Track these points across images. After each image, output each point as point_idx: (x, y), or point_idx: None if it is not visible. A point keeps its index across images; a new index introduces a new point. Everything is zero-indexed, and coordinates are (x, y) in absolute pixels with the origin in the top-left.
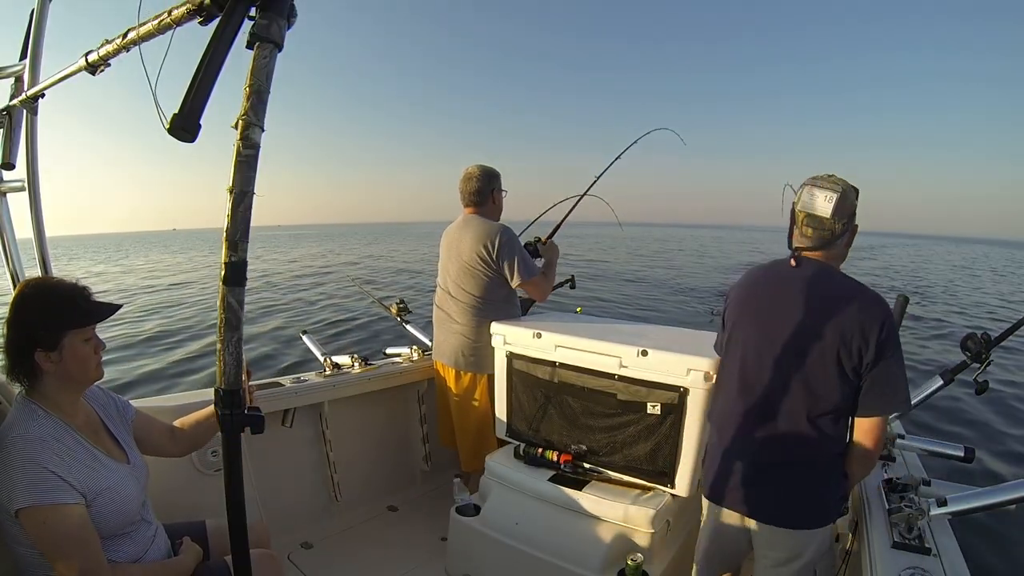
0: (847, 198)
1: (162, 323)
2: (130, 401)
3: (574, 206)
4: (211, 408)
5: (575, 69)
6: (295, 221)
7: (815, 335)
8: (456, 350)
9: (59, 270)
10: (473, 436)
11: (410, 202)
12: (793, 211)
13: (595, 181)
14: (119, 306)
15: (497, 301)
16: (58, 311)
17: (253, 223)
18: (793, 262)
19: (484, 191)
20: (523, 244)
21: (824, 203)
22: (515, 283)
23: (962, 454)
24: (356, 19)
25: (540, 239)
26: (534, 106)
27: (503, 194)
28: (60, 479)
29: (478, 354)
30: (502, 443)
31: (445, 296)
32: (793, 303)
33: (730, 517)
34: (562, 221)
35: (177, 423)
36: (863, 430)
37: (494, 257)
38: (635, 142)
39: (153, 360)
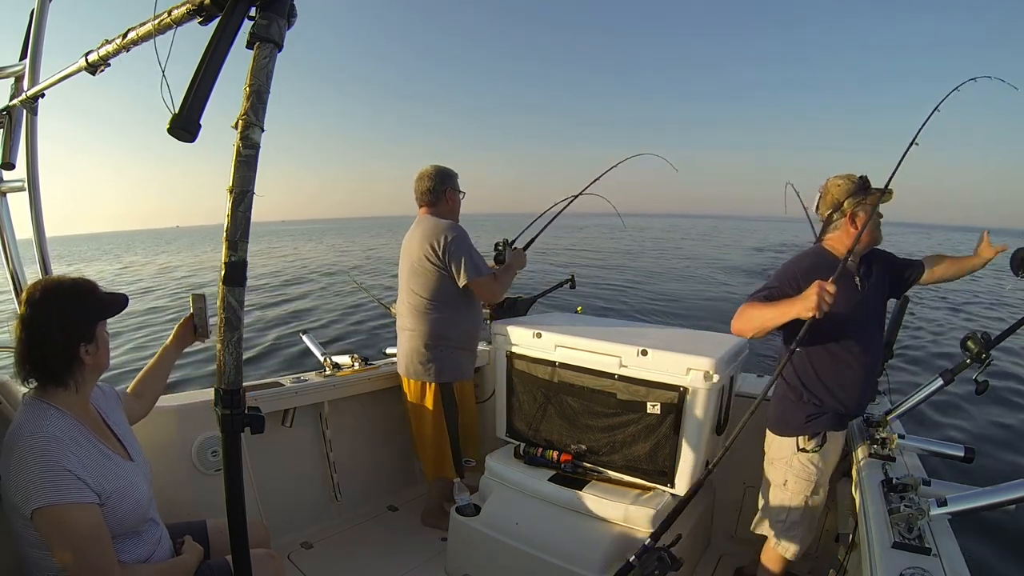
0: (828, 193)
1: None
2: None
3: (558, 213)
4: (157, 357)
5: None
6: (297, 216)
7: None
8: (407, 356)
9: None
10: (430, 447)
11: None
12: None
13: (571, 200)
14: (127, 297)
15: (448, 304)
16: (89, 303)
17: (258, 219)
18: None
19: (436, 190)
20: (495, 246)
21: (815, 202)
22: (461, 282)
23: (962, 454)
24: (355, 20)
25: (507, 240)
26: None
27: (460, 195)
28: (76, 478)
29: (427, 362)
30: (456, 456)
31: (400, 300)
32: None
33: None
34: (541, 230)
35: (130, 388)
36: None
37: (440, 255)
38: (614, 166)
39: None
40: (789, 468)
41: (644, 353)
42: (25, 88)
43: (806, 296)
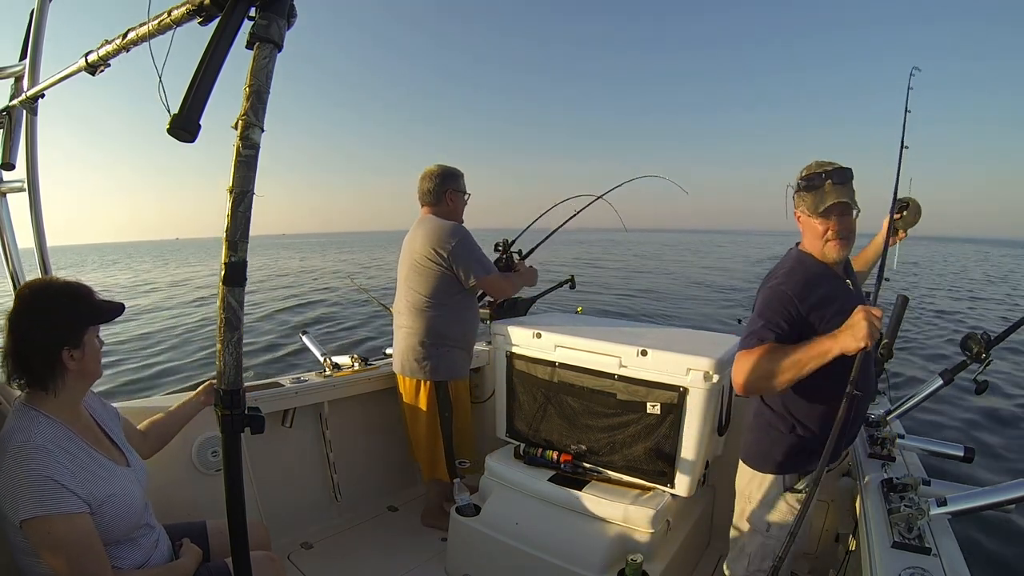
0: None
1: None
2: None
3: (559, 227)
4: (176, 407)
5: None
6: (296, 230)
7: None
8: (402, 353)
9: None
10: (425, 448)
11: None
12: None
13: (572, 217)
14: (123, 306)
15: (447, 303)
16: (80, 308)
17: (260, 231)
18: None
19: (437, 191)
20: (496, 247)
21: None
22: (469, 283)
23: (962, 454)
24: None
25: (507, 241)
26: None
27: (465, 197)
28: (65, 488)
29: (423, 359)
30: (450, 458)
31: (398, 298)
32: None
33: None
34: (542, 241)
35: (141, 426)
36: None
37: (445, 257)
38: (616, 187)
39: None
40: (773, 511)
41: (644, 353)
42: (25, 88)
43: (852, 326)
